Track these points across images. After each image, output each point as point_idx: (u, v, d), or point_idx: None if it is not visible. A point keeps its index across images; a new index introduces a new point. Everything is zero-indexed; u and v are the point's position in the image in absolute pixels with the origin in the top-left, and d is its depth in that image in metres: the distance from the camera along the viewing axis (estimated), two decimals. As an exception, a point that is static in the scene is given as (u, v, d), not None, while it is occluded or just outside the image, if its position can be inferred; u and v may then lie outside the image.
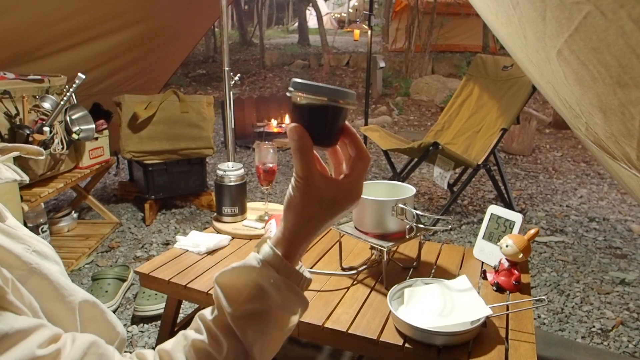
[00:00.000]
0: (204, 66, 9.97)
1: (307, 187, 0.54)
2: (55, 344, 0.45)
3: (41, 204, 2.10)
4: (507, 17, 0.88)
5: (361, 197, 0.58)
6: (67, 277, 0.58)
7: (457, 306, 0.98)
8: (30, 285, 0.50)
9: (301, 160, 0.53)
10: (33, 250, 0.55)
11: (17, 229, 0.55)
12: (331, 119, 0.54)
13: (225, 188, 1.54)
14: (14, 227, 0.55)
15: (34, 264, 0.52)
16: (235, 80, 2.13)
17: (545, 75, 0.88)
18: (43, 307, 0.50)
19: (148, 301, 1.79)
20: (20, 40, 2.40)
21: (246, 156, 4.22)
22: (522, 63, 1.13)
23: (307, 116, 0.54)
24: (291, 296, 0.56)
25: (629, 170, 0.75)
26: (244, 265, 0.56)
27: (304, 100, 0.53)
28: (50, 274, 0.53)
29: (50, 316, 0.51)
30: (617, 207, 3.02)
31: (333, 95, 0.52)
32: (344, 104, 0.54)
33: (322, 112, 0.53)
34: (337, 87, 0.53)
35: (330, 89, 0.52)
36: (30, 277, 0.51)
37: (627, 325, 1.80)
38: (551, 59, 0.74)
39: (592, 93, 0.69)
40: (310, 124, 0.54)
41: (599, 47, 0.61)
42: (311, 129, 0.54)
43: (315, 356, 1.50)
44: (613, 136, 0.72)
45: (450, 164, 2.62)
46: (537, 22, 0.71)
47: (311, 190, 0.54)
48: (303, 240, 0.56)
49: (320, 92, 0.52)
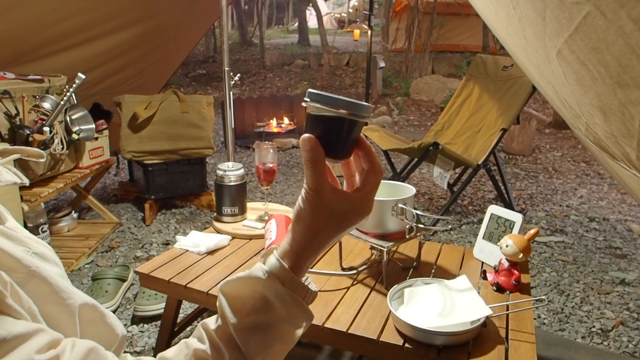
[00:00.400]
0: (204, 66, 9.97)
1: (318, 200, 0.53)
2: (54, 350, 0.45)
3: (41, 204, 2.10)
4: (507, 17, 0.88)
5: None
6: (67, 280, 0.57)
7: (457, 306, 0.98)
8: (29, 288, 0.49)
9: (313, 172, 0.52)
10: (33, 252, 0.54)
11: (17, 231, 0.55)
12: (347, 131, 0.53)
13: (225, 188, 1.54)
14: (14, 229, 0.55)
15: (33, 266, 0.51)
16: (235, 80, 2.13)
17: (545, 75, 0.88)
18: (42, 310, 0.49)
19: (148, 301, 1.79)
20: (20, 40, 2.40)
21: (246, 156, 4.22)
22: (522, 63, 1.13)
23: (321, 128, 0.53)
24: (296, 310, 0.55)
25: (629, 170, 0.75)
26: (249, 275, 0.55)
27: (320, 112, 0.52)
28: (50, 276, 0.53)
29: (49, 319, 0.50)
30: (617, 207, 3.02)
31: (350, 108, 0.51)
32: (360, 118, 0.53)
33: (338, 125, 0.52)
34: (354, 100, 0.51)
35: (347, 101, 0.51)
36: (30, 280, 0.50)
37: (627, 325, 1.80)
38: (551, 59, 0.74)
39: (592, 93, 0.69)
40: (325, 136, 0.53)
41: (599, 47, 0.61)
42: (325, 141, 0.53)
43: (315, 356, 1.50)
44: (613, 136, 0.72)
45: (450, 164, 2.62)
46: (537, 22, 0.71)
47: (321, 203, 0.53)
48: (311, 254, 0.56)
49: (338, 104, 0.51)
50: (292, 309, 0.55)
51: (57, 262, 0.59)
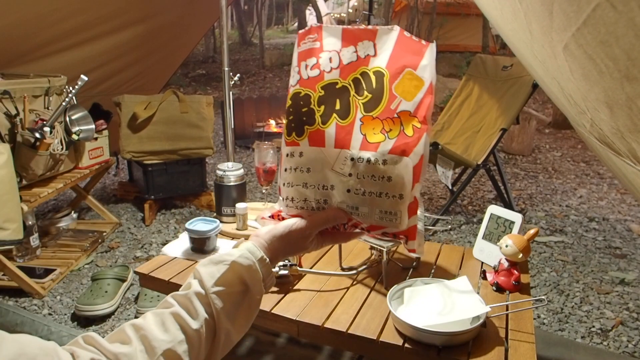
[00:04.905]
0: (204, 66, 9.96)
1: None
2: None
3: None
4: (512, 12, 0.87)
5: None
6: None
7: (457, 306, 0.98)
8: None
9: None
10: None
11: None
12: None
13: (224, 188, 1.54)
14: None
15: None
16: (235, 80, 2.13)
17: (551, 71, 0.88)
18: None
19: (151, 303, 1.79)
20: (20, 40, 2.40)
21: (246, 156, 4.22)
22: (527, 60, 1.12)
23: None
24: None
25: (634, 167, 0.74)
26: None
27: None
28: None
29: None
30: (617, 207, 3.02)
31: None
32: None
33: None
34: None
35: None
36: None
37: (626, 325, 1.80)
38: (557, 54, 0.74)
39: (598, 88, 0.69)
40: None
41: (607, 40, 0.60)
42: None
43: (315, 356, 1.50)
44: (619, 132, 0.72)
45: (450, 163, 2.62)
46: (544, 16, 0.71)
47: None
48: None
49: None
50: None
51: None
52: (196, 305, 0.62)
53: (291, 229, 0.71)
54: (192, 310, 0.62)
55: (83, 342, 0.56)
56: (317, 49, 0.72)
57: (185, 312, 0.61)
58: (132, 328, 0.59)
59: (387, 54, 0.68)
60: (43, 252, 2.21)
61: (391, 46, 0.68)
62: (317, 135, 0.71)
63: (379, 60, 0.68)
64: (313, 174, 0.71)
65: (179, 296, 0.64)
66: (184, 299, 0.63)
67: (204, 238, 1.33)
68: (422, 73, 0.66)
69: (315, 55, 0.72)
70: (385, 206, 0.68)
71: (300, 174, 0.72)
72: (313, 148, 0.71)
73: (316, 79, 0.72)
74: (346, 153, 0.68)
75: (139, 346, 0.57)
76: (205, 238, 1.33)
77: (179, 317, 0.61)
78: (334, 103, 0.70)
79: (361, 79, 0.69)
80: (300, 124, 0.72)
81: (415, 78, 0.66)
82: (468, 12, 8.00)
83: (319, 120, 0.71)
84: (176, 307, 0.62)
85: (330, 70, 0.71)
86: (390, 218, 0.68)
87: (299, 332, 1.05)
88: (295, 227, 0.71)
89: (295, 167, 0.73)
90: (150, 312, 0.62)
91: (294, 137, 0.73)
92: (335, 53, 0.70)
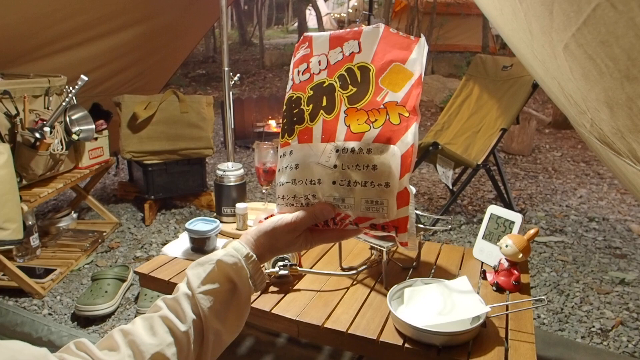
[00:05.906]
0: (204, 66, 9.96)
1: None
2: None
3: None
4: (512, 12, 0.87)
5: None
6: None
7: (457, 306, 0.98)
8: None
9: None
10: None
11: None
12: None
13: (225, 188, 1.54)
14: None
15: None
16: (235, 80, 2.13)
17: (551, 71, 0.88)
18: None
19: (151, 303, 1.79)
20: (20, 40, 2.40)
21: (246, 156, 4.22)
22: (527, 60, 1.12)
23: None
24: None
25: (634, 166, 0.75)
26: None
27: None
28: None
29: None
30: (617, 207, 3.02)
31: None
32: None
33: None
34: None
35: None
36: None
37: (626, 325, 1.80)
38: (557, 54, 0.74)
39: (599, 88, 0.69)
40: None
41: (607, 40, 0.60)
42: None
43: (315, 356, 1.50)
44: (619, 132, 0.72)
45: (450, 163, 2.63)
46: (544, 16, 0.71)
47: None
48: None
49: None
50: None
51: None
52: (184, 306, 0.62)
53: (276, 224, 0.71)
54: (180, 312, 0.62)
55: (75, 349, 0.56)
56: (308, 55, 0.74)
57: (174, 315, 0.62)
58: (120, 334, 0.60)
59: (371, 50, 0.69)
60: (43, 252, 2.21)
61: (376, 42, 0.69)
62: (305, 132, 0.72)
63: (363, 56, 0.69)
64: (301, 169, 0.72)
65: (168, 299, 0.64)
66: (172, 302, 0.64)
67: (204, 238, 1.33)
68: (411, 66, 0.67)
69: (306, 61, 0.74)
70: (371, 195, 0.68)
71: (290, 171, 0.73)
72: (301, 145, 0.72)
73: (307, 82, 0.74)
74: (331, 145, 0.69)
75: (127, 351, 0.57)
76: (205, 238, 1.33)
77: (168, 320, 0.61)
78: (321, 100, 0.72)
79: (346, 75, 0.70)
80: (292, 124, 0.74)
81: (402, 71, 0.67)
82: (468, 12, 8.00)
83: (307, 119, 0.72)
84: (165, 310, 0.62)
85: (319, 72, 0.73)
86: (376, 208, 0.68)
87: (299, 332, 1.05)
88: (281, 222, 0.71)
89: (286, 166, 0.74)
90: (140, 317, 0.63)
91: (286, 137, 0.75)
92: (324, 56, 0.73)
